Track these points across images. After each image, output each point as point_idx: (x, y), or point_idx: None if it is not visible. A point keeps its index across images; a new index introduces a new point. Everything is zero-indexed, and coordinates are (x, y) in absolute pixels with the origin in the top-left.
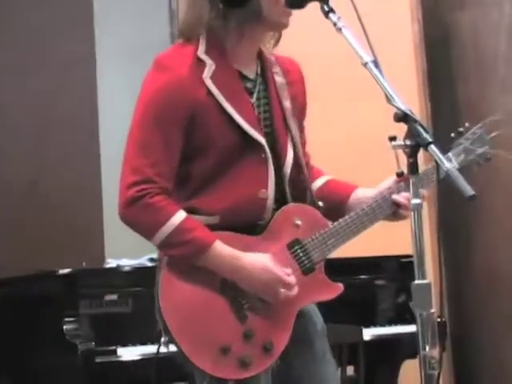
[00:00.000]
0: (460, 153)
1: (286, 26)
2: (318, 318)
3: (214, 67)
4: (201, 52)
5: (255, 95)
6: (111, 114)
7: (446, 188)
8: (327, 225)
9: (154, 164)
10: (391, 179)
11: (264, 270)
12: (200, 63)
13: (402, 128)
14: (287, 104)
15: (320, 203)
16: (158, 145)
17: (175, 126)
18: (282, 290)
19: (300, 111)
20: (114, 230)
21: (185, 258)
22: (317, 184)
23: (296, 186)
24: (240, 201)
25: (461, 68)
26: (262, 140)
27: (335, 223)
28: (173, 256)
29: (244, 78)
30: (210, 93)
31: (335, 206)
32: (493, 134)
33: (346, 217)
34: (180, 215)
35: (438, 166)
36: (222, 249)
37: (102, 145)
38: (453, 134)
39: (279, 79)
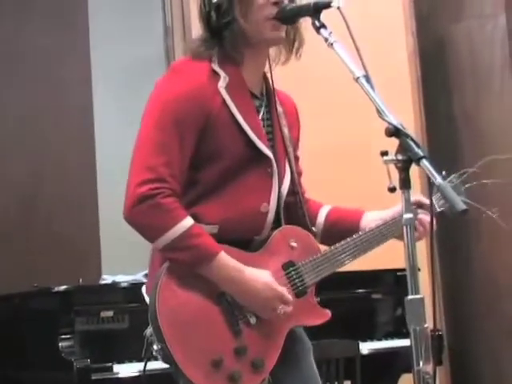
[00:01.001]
0: (439, 198)
1: (278, 39)
2: (304, 338)
3: (227, 79)
4: (215, 65)
5: (260, 114)
6: (107, 131)
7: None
8: (319, 250)
9: (169, 164)
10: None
11: (266, 286)
12: (215, 74)
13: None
14: (285, 131)
15: (314, 229)
16: (174, 147)
17: (191, 131)
18: (281, 306)
19: (295, 142)
20: (110, 247)
21: (188, 264)
22: (322, 213)
23: (290, 210)
24: (242, 212)
25: (456, 80)
26: (271, 154)
27: (332, 247)
28: (176, 260)
29: (252, 94)
30: (224, 103)
31: (347, 231)
32: (468, 185)
33: (343, 242)
34: (189, 220)
35: (430, 181)
36: (227, 260)
37: (99, 162)
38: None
39: (278, 107)
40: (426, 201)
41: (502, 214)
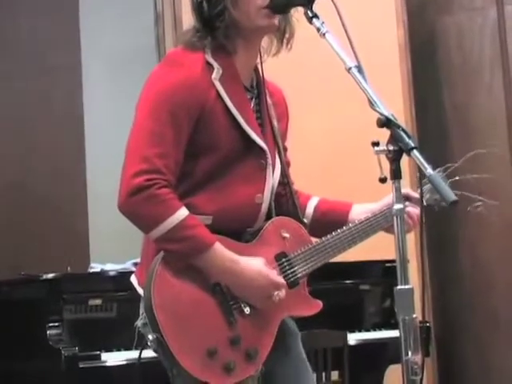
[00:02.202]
0: (427, 192)
1: (271, 26)
2: (294, 328)
3: (221, 71)
4: (208, 56)
5: (251, 106)
6: (97, 119)
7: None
8: (311, 241)
9: (164, 155)
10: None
11: (259, 274)
12: (208, 66)
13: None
14: (275, 122)
15: (305, 220)
16: (169, 137)
17: (186, 121)
18: (275, 292)
19: (283, 134)
20: (98, 235)
21: (183, 255)
22: (311, 204)
23: (280, 202)
24: (236, 203)
25: (446, 72)
26: (265, 146)
27: (323, 239)
28: (171, 251)
29: (244, 87)
30: (218, 95)
31: (335, 223)
32: (453, 179)
33: (333, 233)
34: (184, 211)
35: (420, 171)
36: (222, 251)
37: (88, 148)
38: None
39: (267, 98)
40: (414, 194)
41: (487, 207)
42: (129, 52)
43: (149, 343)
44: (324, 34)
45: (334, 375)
